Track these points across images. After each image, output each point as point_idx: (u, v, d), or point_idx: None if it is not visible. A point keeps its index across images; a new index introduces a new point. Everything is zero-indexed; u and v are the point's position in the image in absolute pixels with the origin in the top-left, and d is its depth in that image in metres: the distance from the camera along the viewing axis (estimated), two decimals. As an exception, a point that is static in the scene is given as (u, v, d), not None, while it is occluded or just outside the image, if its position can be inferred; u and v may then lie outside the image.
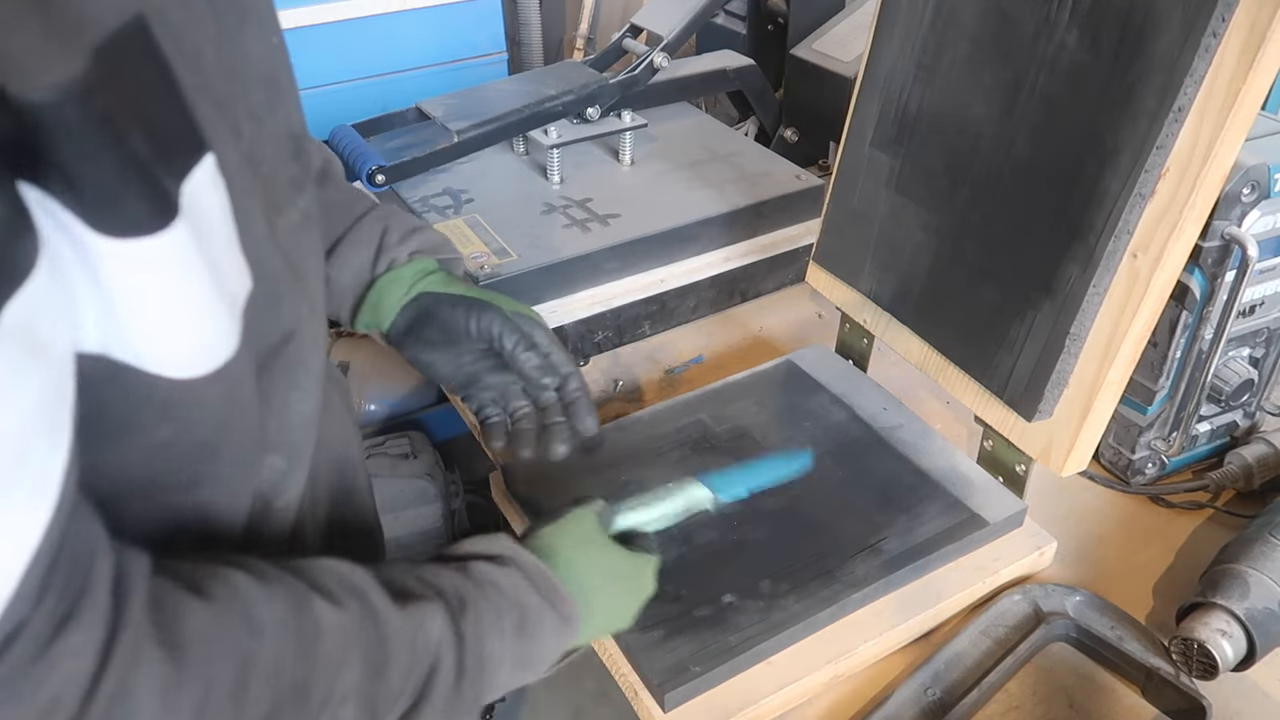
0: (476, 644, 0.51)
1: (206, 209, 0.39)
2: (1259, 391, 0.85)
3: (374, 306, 0.72)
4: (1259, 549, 0.70)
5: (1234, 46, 0.59)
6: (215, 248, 0.40)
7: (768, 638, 0.67)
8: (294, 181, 0.48)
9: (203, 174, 0.39)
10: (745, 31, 1.42)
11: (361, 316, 0.73)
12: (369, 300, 0.72)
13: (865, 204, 0.85)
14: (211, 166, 0.39)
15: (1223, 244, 0.73)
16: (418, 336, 0.72)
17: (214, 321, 0.41)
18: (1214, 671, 0.66)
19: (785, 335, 1.07)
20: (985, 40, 0.73)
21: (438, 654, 0.49)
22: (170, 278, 0.37)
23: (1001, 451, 0.79)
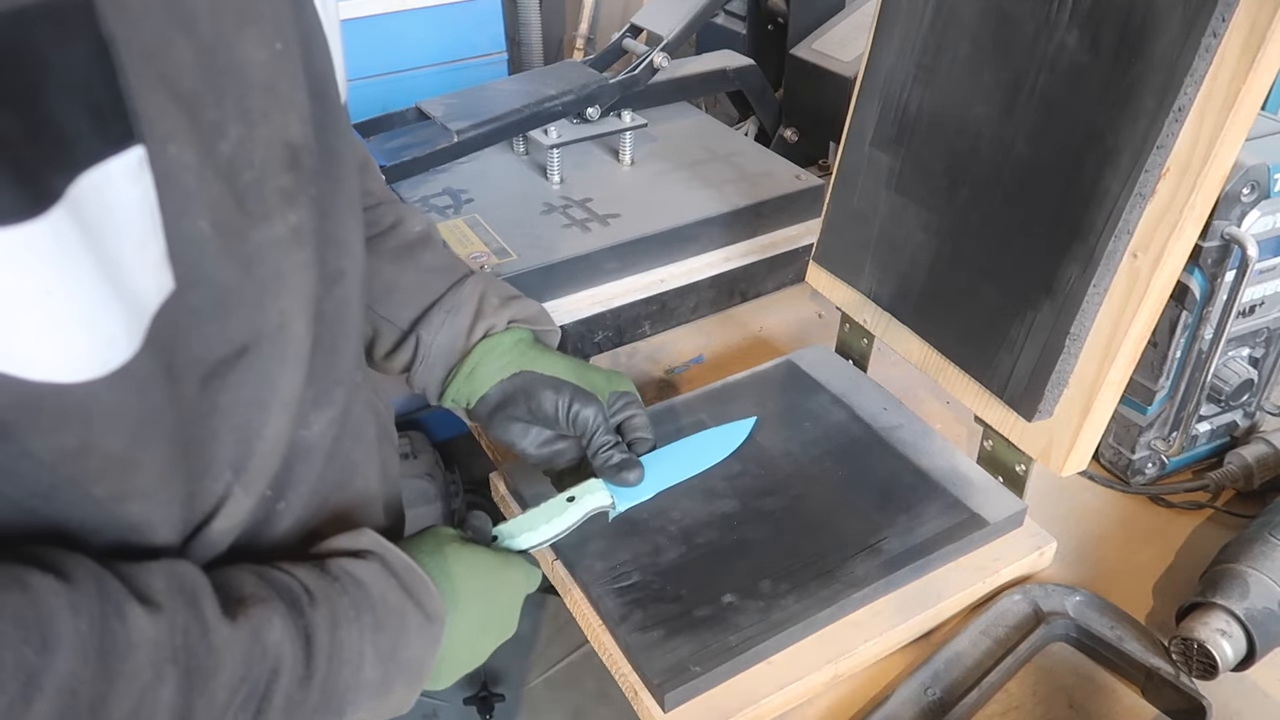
0: (328, 639, 0.49)
1: (113, 202, 0.37)
2: (1259, 391, 0.85)
3: (469, 376, 0.71)
4: (1259, 549, 0.70)
5: (1234, 46, 0.59)
6: (115, 243, 0.38)
7: (768, 638, 0.67)
8: (285, 193, 0.46)
9: (119, 166, 0.37)
10: (745, 31, 1.42)
11: (452, 387, 0.72)
12: (464, 368, 0.71)
13: (865, 204, 0.85)
14: (135, 161, 0.38)
15: (1223, 244, 0.73)
16: (508, 414, 0.72)
17: (101, 323, 0.38)
18: (1214, 671, 0.66)
19: (785, 335, 1.07)
20: (985, 40, 0.73)
21: (278, 657, 0.46)
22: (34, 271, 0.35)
23: (1001, 451, 0.79)
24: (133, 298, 0.40)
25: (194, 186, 0.41)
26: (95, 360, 0.39)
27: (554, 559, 0.74)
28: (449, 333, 0.71)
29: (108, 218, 0.37)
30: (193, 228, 0.41)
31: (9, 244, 0.34)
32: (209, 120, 0.41)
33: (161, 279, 0.41)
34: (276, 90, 0.45)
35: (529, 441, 0.73)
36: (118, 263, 0.38)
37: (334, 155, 0.51)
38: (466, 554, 0.60)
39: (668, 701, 0.65)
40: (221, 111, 0.42)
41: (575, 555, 0.73)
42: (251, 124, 0.43)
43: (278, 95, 0.45)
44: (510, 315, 0.73)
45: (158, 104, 0.38)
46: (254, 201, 0.44)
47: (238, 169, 0.43)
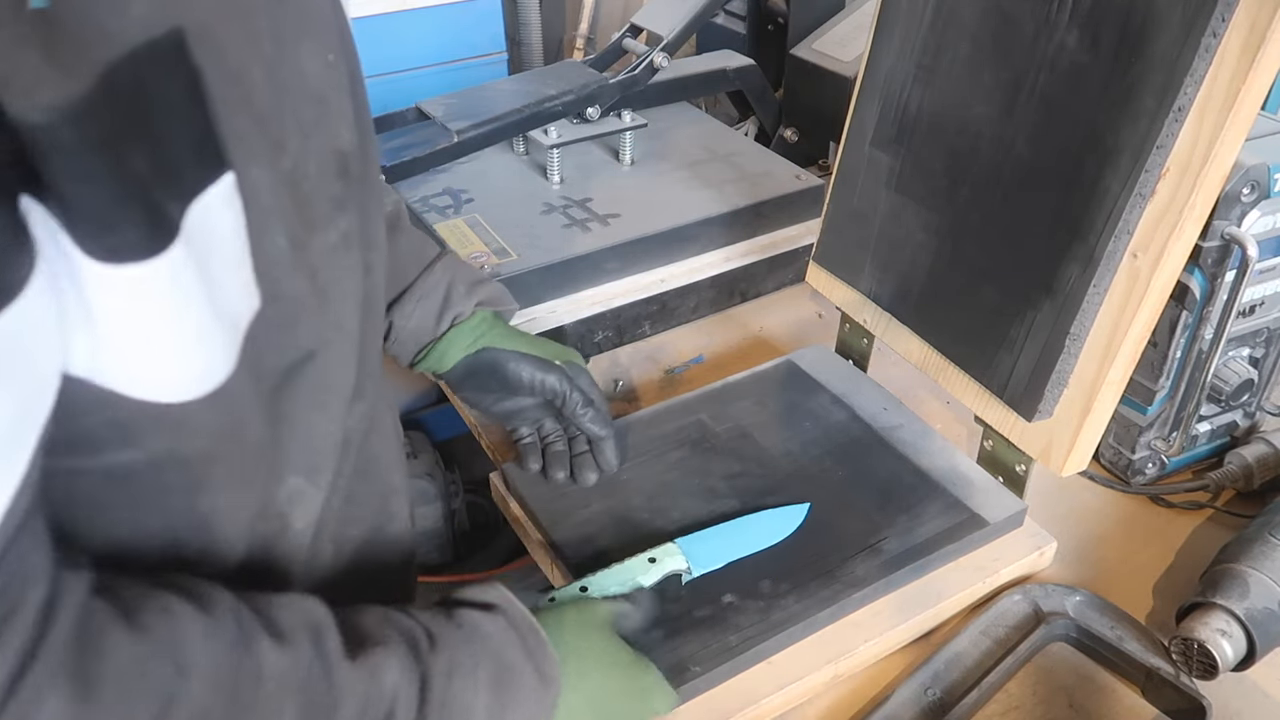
0: (443, 687, 0.50)
1: (214, 229, 0.38)
2: (1259, 391, 0.85)
3: (438, 356, 0.79)
4: (1259, 549, 0.70)
5: (1234, 46, 0.59)
6: (217, 268, 0.39)
7: (768, 638, 0.67)
8: (336, 200, 0.47)
9: (217, 193, 0.38)
10: (745, 31, 1.42)
11: (422, 364, 0.80)
12: (434, 351, 0.79)
13: (865, 204, 0.85)
14: (229, 186, 0.39)
15: (1223, 244, 0.73)
16: (476, 384, 0.80)
17: (207, 346, 0.40)
18: (1214, 671, 0.66)
19: (785, 335, 1.07)
20: (985, 40, 0.73)
21: (393, 698, 0.47)
22: (160, 304, 0.37)
23: (1001, 451, 0.79)
24: (230, 319, 0.41)
25: (271, 204, 0.42)
26: (198, 382, 0.40)
27: (553, 560, 0.74)
28: (419, 318, 0.77)
29: (211, 244, 0.39)
30: (273, 245, 0.43)
31: (141, 279, 0.36)
32: (274, 136, 0.42)
33: (250, 298, 0.42)
34: (327, 100, 0.46)
35: (495, 404, 0.82)
36: (219, 284, 0.40)
37: (369, 158, 0.52)
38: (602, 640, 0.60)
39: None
40: (282, 126, 0.42)
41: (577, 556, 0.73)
42: (306, 135, 0.44)
43: (328, 105, 0.46)
44: (476, 299, 0.79)
45: (241, 127, 0.39)
46: (311, 210, 0.45)
47: (297, 181, 0.44)
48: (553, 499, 0.78)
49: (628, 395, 0.99)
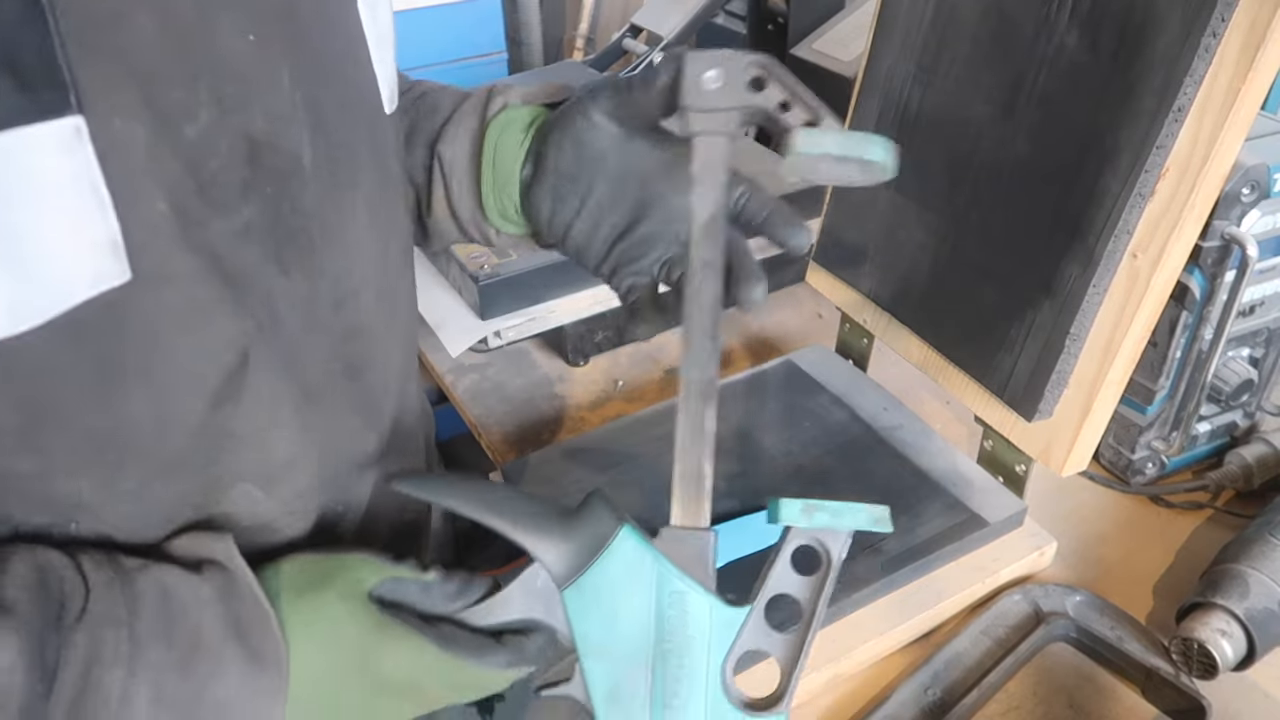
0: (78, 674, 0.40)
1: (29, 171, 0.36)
2: (1259, 391, 0.85)
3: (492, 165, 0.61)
4: (1259, 549, 0.70)
5: (1234, 46, 0.59)
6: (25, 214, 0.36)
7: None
8: (242, 187, 0.44)
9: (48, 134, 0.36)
10: (745, 31, 1.42)
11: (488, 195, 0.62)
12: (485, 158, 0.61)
13: (865, 204, 0.85)
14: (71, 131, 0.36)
15: (1223, 244, 0.73)
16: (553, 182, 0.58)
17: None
18: (1214, 671, 0.66)
19: (785, 335, 1.07)
20: (985, 40, 0.73)
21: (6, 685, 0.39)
22: None
23: (1001, 451, 0.79)
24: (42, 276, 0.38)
25: (149, 167, 0.39)
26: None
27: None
28: (464, 136, 0.62)
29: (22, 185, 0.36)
30: (151, 210, 0.40)
31: None
32: (173, 99, 0.40)
33: (104, 264, 0.39)
34: (251, 81, 0.43)
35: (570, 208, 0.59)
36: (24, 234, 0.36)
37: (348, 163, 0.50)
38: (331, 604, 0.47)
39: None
40: (192, 94, 0.40)
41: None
42: (225, 111, 0.42)
43: (251, 86, 0.43)
44: (524, 93, 0.63)
45: (109, 74, 0.37)
46: (217, 191, 0.43)
47: (204, 156, 0.42)
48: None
49: (628, 395, 0.99)
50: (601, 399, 0.98)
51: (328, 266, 0.50)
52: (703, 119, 0.51)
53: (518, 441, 0.93)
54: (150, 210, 0.40)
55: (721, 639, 0.47)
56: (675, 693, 0.46)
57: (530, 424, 0.95)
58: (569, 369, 1.02)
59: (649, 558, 0.47)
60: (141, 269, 0.40)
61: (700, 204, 0.51)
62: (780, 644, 0.48)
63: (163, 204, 0.40)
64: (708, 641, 0.47)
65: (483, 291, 0.96)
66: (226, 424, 0.46)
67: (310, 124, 0.47)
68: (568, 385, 1.00)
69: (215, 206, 0.43)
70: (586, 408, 0.97)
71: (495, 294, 0.97)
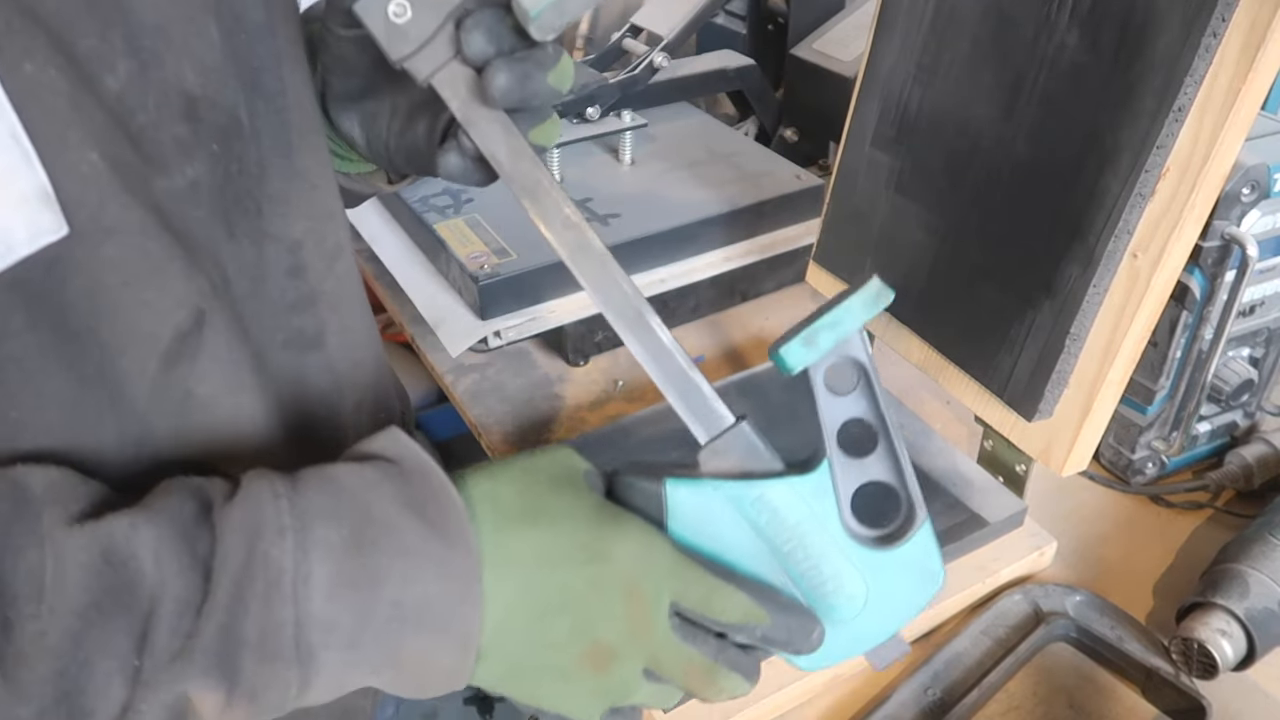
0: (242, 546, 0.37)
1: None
2: (1259, 391, 0.85)
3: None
4: (1259, 549, 0.70)
5: (1234, 46, 0.59)
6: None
7: (768, 638, 0.67)
8: (181, 144, 0.42)
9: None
10: (745, 31, 1.42)
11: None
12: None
13: (865, 204, 0.85)
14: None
15: (1223, 244, 0.73)
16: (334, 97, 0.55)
17: None
18: (1214, 671, 0.66)
19: (785, 335, 1.07)
20: (985, 40, 0.73)
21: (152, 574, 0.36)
22: None
23: (1001, 451, 0.79)
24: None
25: (71, 116, 0.38)
26: None
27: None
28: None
29: None
30: (80, 160, 0.38)
31: None
32: (87, 48, 0.38)
33: (39, 217, 0.37)
34: (168, 36, 0.41)
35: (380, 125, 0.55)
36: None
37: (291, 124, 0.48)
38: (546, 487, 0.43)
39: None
40: (107, 44, 0.39)
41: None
42: (144, 64, 0.40)
43: (170, 40, 0.42)
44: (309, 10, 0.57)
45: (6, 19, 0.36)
46: (151, 147, 0.41)
47: (130, 109, 0.40)
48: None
49: (628, 395, 0.99)
50: (601, 399, 0.98)
51: (279, 232, 0.48)
52: (422, 60, 0.44)
53: (518, 442, 0.93)
54: (80, 160, 0.38)
55: (823, 505, 0.44)
56: (819, 578, 0.44)
57: (530, 424, 0.95)
58: (569, 369, 1.02)
59: (706, 491, 0.44)
60: (78, 222, 0.38)
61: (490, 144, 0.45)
62: (876, 466, 0.46)
63: (94, 154, 0.38)
64: (814, 515, 0.44)
65: (483, 291, 0.96)
66: (184, 383, 0.44)
67: (244, 82, 0.45)
68: (568, 385, 1.00)
69: (154, 163, 0.41)
70: (586, 408, 0.97)
71: (495, 294, 0.97)
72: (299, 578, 0.38)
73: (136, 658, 0.36)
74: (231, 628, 0.37)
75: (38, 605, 0.35)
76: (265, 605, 0.37)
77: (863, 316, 0.43)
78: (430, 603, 0.40)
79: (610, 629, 0.42)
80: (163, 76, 0.41)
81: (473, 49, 0.43)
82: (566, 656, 0.42)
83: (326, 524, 0.39)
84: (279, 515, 0.39)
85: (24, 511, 0.37)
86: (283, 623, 0.38)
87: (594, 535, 0.43)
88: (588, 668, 0.43)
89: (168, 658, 0.36)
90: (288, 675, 0.38)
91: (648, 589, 0.43)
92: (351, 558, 0.39)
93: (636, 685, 0.44)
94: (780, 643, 0.45)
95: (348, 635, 0.39)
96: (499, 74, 0.43)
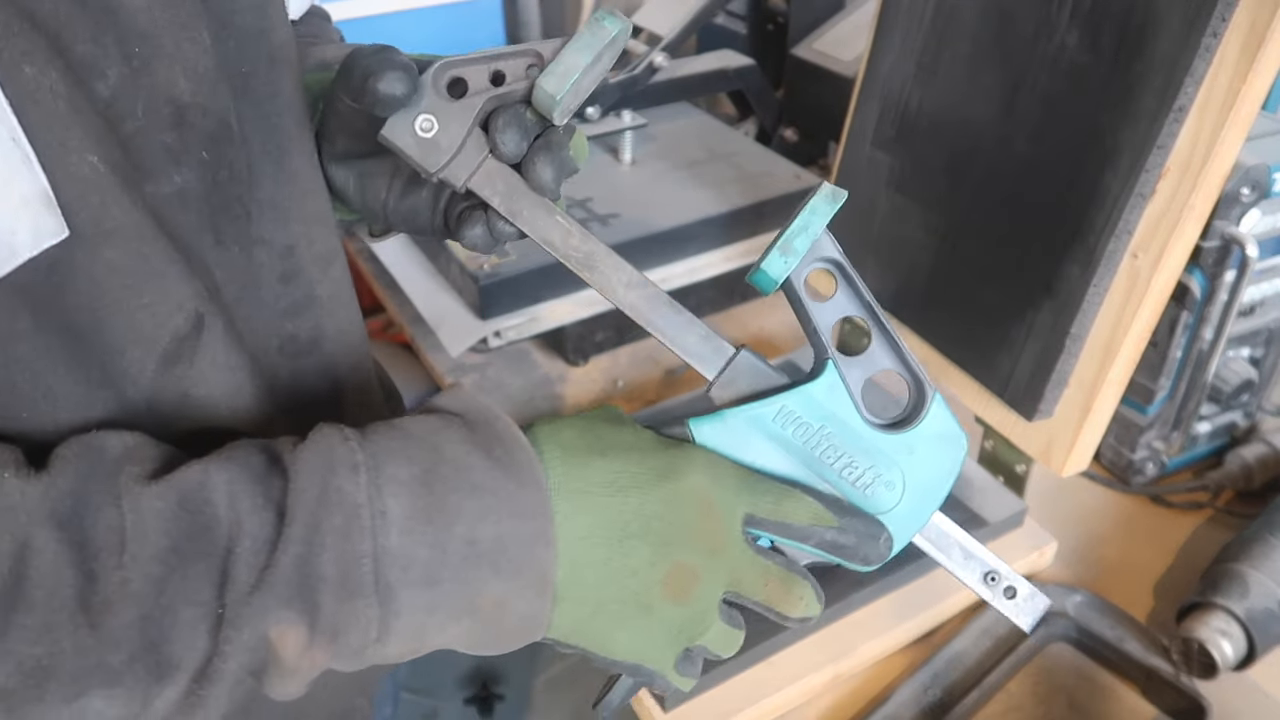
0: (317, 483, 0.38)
1: None
2: (1259, 391, 0.85)
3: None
4: (1259, 549, 0.70)
5: (1234, 46, 0.59)
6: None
7: (768, 638, 0.67)
8: (170, 152, 0.42)
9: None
10: (745, 31, 1.42)
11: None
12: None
13: (865, 204, 0.85)
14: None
15: (1223, 244, 0.73)
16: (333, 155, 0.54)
17: None
18: (1214, 671, 0.66)
19: (785, 335, 1.07)
20: (985, 40, 0.73)
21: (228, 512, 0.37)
22: None
23: (1002, 451, 0.79)
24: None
25: (69, 116, 0.37)
26: None
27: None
28: None
29: None
30: (80, 163, 0.38)
31: None
32: (82, 53, 0.38)
33: (41, 220, 0.37)
34: (157, 42, 0.41)
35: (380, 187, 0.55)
36: None
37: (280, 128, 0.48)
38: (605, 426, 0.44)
39: (668, 701, 0.65)
40: (100, 49, 0.39)
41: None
42: (135, 70, 0.40)
43: (161, 46, 0.41)
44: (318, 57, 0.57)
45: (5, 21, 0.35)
46: (140, 154, 0.41)
47: (120, 115, 0.40)
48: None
49: (628, 395, 0.99)
50: (601, 399, 0.98)
51: (271, 238, 0.48)
52: (457, 168, 0.46)
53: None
54: (81, 163, 0.38)
55: (841, 403, 0.47)
56: (857, 473, 0.46)
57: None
58: (569, 369, 1.02)
59: (731, 420, 0.46)
60: (78, 225, 0.38)
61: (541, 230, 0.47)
62: (877, 356, 0.49)
63: (93, 157, 0.38)
64: (835, 416, 0.47)
65: (483, 291, 0.96)
66: (180, 384, 0.44)
67: (234, 87, 0.45)
68: (568, 385, 1.00)
69: (143, 170, 0.41)
70: (586, 407, 0.97)
71: (495, 294, 0.97)
72: (374, 512, 0.38)
73: (218, 600, 0.37)
74: (309, 560, 0.37)
75: (119, 556, 0.36)
76: (343, 539, 0.38)
77: (827, 213, 0.46)
78: (504, 542, 0.40)
79: (690, 548, 0.43)
80: (153, 83, 0.41)
81: (508, 148, 0.46)
82: (648, 583, 0.42)
83: (398, 462, 0.39)
84: (351, 454, 0.39)
85: (102, 470, 0.38)
86: (360, 556, 0.38)
87: (663, 459, 0.44)
88: (669, 596, 0.43)
89: (246, 591, 0.37)
90: (368, 614, 0.38)
91: (721, 502, 0.43)
92: (424, 494, 0.39)
93: (713, 616, 0.44)
94: (849, 548, 0.46)
95: (425, 571, 0.39)
96: (543, 169, 0.46)
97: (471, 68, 0.45)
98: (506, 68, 0.45)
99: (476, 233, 0.50)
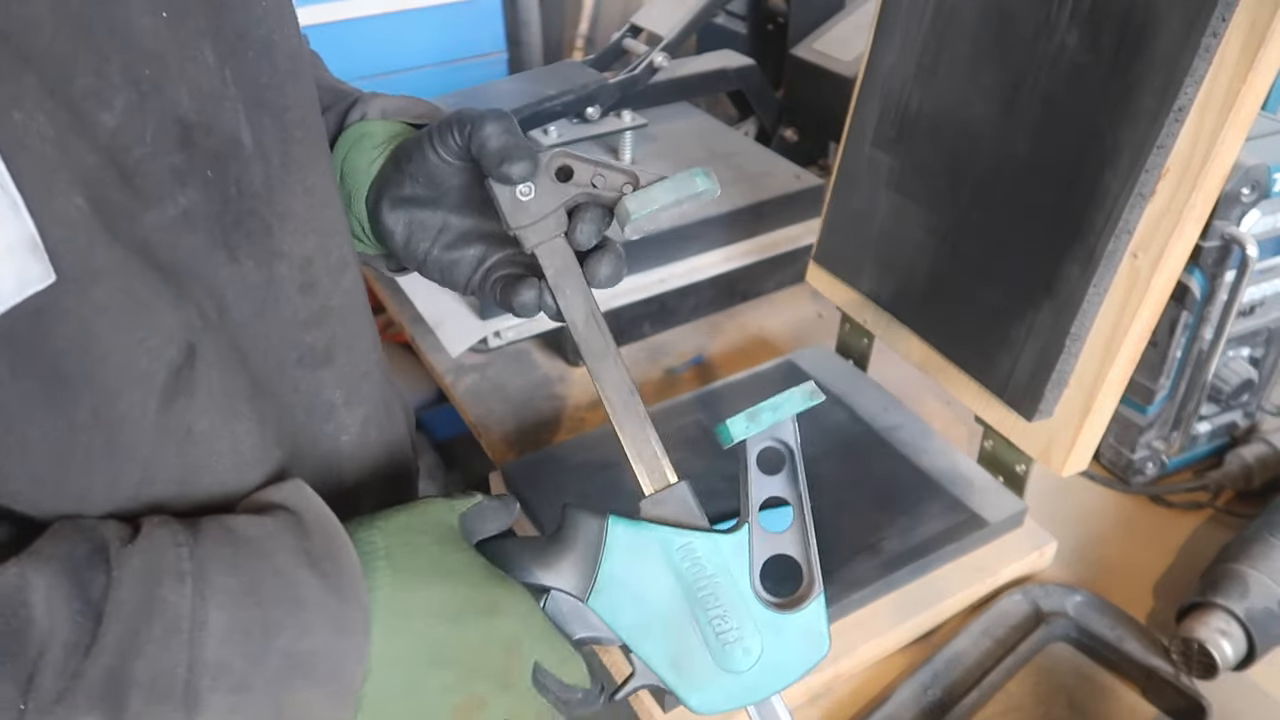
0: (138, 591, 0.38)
1: None
2: (1259, 391, 0.85)
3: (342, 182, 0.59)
4: (1259, 549, 0.70)
5: (1234, 46, 0.59)
6: None
7: (768, 638, 0.67)
8: (176, 173, 0.42)
9: None
10: (745, 31, 1.42)
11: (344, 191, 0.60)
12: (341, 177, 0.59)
13: (865, 204, 0.85)
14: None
15: (1223, 244, 0.73)
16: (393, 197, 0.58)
17: None
18: (1214, 671, 0.66)
19: (785, 335, 1.07)
20: (985, 40, 0.73)
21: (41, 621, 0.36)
22: None
23: (1001, 451, 0.79)
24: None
25: (56, 159, 0.37)
26: None
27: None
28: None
29: None
30: (67, 205, 0.37)
31: None
32: (84, 87, 0.38)
33: (27, 267, 0.37)
34: (167, 61, 0.41)
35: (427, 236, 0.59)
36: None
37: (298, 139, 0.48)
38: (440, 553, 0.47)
39: (667, 701, 0.65)
40: (103, 81, 0.38)
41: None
42: (144, 95, 0.40)
43: (168, 67, 0.41)
44: (384, 106, 0.62)
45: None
46: (144, 180, 0.41)
47: (127, 144, 0.40)
48: (553, 499, 0.78)
49: (628, 395, 0.99)
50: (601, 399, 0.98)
51: (290, 249, 0.48)
52: (534, 232, 0.54)
53: (517, 442, 0.93)
54: (67, 206, 0.38)
55: (739, 563, 0.51)
56: (724, 627, 0.50)
57: (530, 424, 0.95)
58: (569, 369, 1.02)
59: (644, 533, 0.50)
60: (65, 268, 0.38)
61: (573, 311, 0.54)
62: (788, 542, 0.52)
63: (79, 199, 0.38)
64: (729, 571, 0.50)
65: (483, 291, 0.96)
66: (184, 419, 0.44)
67: (246, 101, 0.45)
68: (567, 385, 1.00)
69: (145, 197, 0.41)
70: (586, 408, 0.97)
71: (495, 294, 0.97)
72: (195, 623, 0.39)
73: (21, 701, 0.36)
74: (121, 669, 0.37)
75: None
76: (160, 649, 0.38)
77: (800, 405, 0.51)
78: (320, 655, 0.41)
79: (488, 681, 0.46)
80: (161, 105, 0.41)
81: (582, 238, 0.54)
82: (443, 706, 0.45)
83: (226, 571, 0.40)
84: (179, 561, 0.39)
85: None
86: (175, 665, 0.38)
87: (486, 596, 0.47)
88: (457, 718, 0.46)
89: (52, 699, 0.36)
90: (173, 717, 0.38)
91: (525, 646, 0.48)
92: (249, 606, 0.40)
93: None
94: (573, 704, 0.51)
95: (237, 680, 0.39)
96: (606, 267, 0.55)
97: (580, 164, 0.54)
98: (607, 176, 0.54)
99: (529, 296, 0.55)
